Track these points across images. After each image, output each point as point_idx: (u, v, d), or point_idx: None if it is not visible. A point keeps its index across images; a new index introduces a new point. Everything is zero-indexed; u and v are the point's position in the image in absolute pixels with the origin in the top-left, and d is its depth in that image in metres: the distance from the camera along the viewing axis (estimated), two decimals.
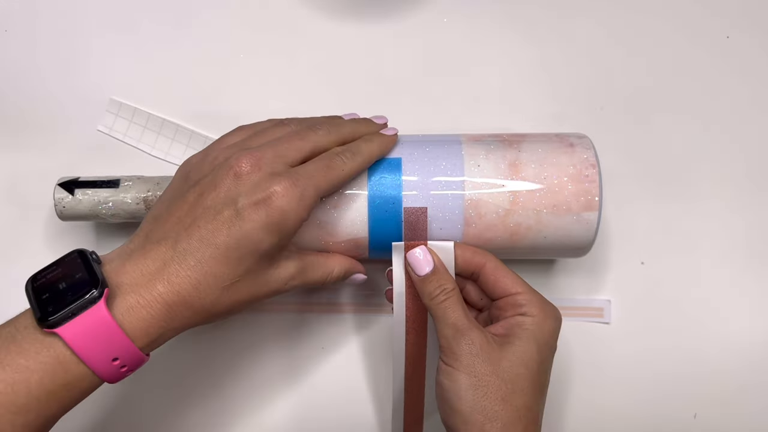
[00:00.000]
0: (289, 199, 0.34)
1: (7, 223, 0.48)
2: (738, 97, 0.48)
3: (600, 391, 0.47)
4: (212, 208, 0.34)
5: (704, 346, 0.47)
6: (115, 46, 0.48)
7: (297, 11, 0.48)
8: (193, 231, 0.34)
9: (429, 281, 0.38)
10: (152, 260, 0.34)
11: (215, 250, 0.33)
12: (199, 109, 0.48)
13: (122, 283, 0.33)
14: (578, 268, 0.47)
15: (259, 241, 0.34)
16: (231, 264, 0.34)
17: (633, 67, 0.48)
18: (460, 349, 0.36)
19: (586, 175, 0.39)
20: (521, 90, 0.48)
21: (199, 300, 0.34)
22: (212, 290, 0.34)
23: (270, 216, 0.34)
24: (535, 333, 0.37)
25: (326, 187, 0.36)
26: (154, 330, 0.33)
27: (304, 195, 0.35)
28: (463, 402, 0.35)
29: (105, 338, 0.31)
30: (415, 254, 0.39)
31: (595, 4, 0.49)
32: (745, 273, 0.47)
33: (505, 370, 0.35)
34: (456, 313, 0.37)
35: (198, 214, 0.34)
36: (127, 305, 0.32)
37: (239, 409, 0.46)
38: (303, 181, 0.35)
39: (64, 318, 0.31)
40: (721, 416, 0.47)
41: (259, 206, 0.34)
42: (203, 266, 0.33)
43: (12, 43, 0.48)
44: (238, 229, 0.33)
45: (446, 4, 0.48)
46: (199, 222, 0.34)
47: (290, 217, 0.34)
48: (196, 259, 0.33)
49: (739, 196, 0.48)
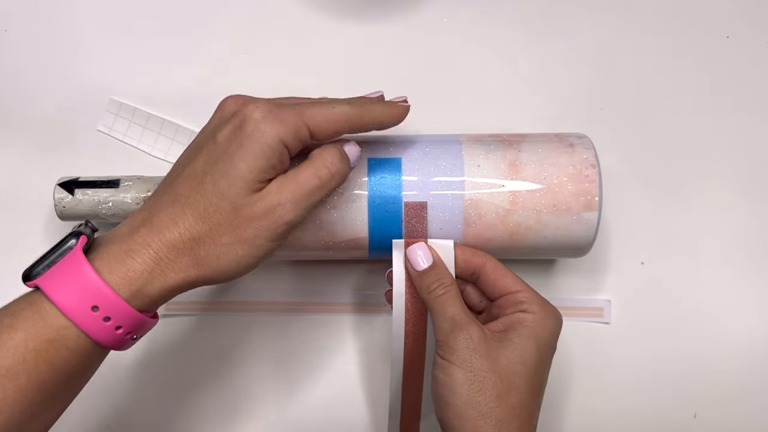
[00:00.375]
0: (263, 113, 0.33)
1: (7, 222, 0.48)
2: (738, 97, 0.48)
3: (600, 392, 0.47)
4: (195, 145, 0.34)
5: (704, 346, 0.47)
6: (115, 46, 0.48)
7: (297, 11, 0.48)
8: (176, 170, 0.34)
9: (427, 275, 0.38)
10: (140, 213, 0.33)
11: (193, 184, 0.33)
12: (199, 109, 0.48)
13: (108, 238, 0.33)
14: (578, 268, 0.47)
15: (234, 168, 0.32)
16: (208, 196, 0.32)
17: (633, 67, 0.48)
18: (457, 343, 0.35)
19: (586, 175, 0.39)
20: (521, 90, 0.48)
21: (179, 237, 0.32)
22: (192, 225, 0.32)
23: (245, 137, 0.33)
24: (535, 331, 0.36)
25: (314, 116, 0.34)
26: (136, 276, 0.31)
27: (282, 114, 0.33)
28: (458, 396, 0.35)
29: (82, 285, 0.30)
30: (414, 250, 0.39)
31: (595, 4, 0.49)
32: (745, 273, 0.47)
33: (503, 366, 0.35)
34: (454, 308, 0.37)
35: (184, 157, 0.35)
36: (107, 252, 0.32)
37: (238, 409, 0.46)
38: (285, 107, 0.33)
39: (43, 269, 0.31)
40: (721, 416, 0.47)
41: (235, 131, 0.33)
42: (181, 200, 0.33)
43: (12, 43, 0.48)
44: (215, 157, 0.33)
45: (446, 4, 0.48)
46: (183, 162, 0.34)
47: (268, 136, 0.32)
48: (176, 195, 0.33)
49: (739, 197, 0.48)
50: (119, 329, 0.32)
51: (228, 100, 0.36)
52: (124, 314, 0.31)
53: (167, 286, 0.32)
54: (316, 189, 0.34)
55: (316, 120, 0.34)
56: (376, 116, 0.36)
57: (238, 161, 0.32)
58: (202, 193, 0.33)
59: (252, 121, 0.33)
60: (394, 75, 0.48)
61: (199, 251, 0.32)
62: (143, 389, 0.47)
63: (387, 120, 0.37)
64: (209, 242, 0.33)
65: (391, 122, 0.37)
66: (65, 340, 0.31)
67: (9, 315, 0.31)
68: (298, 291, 0.47)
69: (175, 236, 0.32)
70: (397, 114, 0.37)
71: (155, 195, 0.34)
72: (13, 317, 0.30)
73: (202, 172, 0.33)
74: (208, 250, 0.33)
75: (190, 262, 0.32)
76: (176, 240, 0.32)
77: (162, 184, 0.35)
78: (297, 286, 0.47)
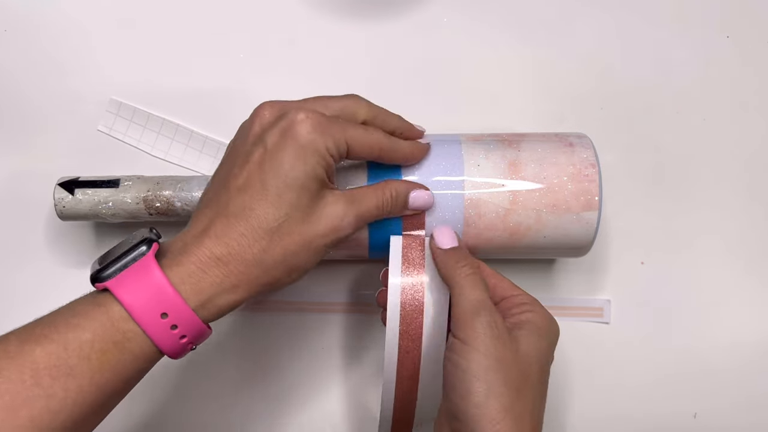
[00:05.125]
0: (313, 123, 0.34)
1: (7, 223, 0.48)
2: (738, 97, 0.48)
3: (599, 391, 0.47)
4: (243, 154, 0.34)
5: (704, 346, 0.47)
6: (115, 46, 0.48)
7: (297, 11, 0.48)
8: (231, 182, 0.34)
9: (456, 251, 0.37)
10: (200, 221, 0.34)
11: (253, 192, 0.33)
12: (199, 109, 0.48)
13: (175, 248, 0.33)
14: (578, 267, 0.47)
15: (291, 168, 0.33)
16: (271, 202, 0.33)
17: (633, 66, 0.48)
18: (481, 326, 0.33)
19: (585, 175, 0.39)
20: (521, 90, 0.48)
21: (248, 248, 0.32)
22: (259, 235, 0.33)
23: (295, 140, 0.33)
24: (545, 331, 0.36)
25: (355, 136, 0.35)
26: (206, 287, 0.32)
27: (329, 127, 0.34)
28: (481, 383, 0.32)
29: (153, 292, 0.31)
30: (442, 229, 0.38)
31: (595, 4, 0.49)
32: (745, 273, 0.47)
33: (522, 359, 0.34)
34: (481, 290, 0.35)
35: (234, 164, 0.35)
36: (177, 261, 0.32)
37: (239, 409, 0.46)
38: (331, 120, 0.35)
39: (114, 272, 0.31)
40: (721, 416, 0.47)
41: (284, 135, 0.33)
42: (245, 211, 0.33)
43: (12, 43, 0.48)
44: (269, 162, 0.33)
45: (446, 3, 0.48)
46: (234, 170, 0.34)
47: (317, 142, 0.33)
48: (237, 206, 0.33)
49: (739, 196, 0.48)
50: (183, 338, 0.32)
51: (265, 105, 0.36)
52: (191, 324, 0.32)
53: (236, 300, 0.33)
54: (373, 214, 0.36)
55: (356, 139, 0.35)
56: (404, 154, 0.38)
57: (298, 169, 0.33)
58: (268, 201, 0.33)
59: (303, 128, 0.34)
60: (394, 75, 0.48)
61: (267, 261, 0.33)
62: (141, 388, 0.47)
63: (411, 159, 0.39)
64: (278, 251, 0.33)
65: (413, 161, 0.39)
66: (130, 344, 0.31)
67: (76, 314, 0.31)
68: (297, 291, 0.47)
69: (241, 249, 0.33)
70: (419, 155, 0.39)
71: (208, 206, 0.34)
72: (81, 317, 0.31)
73: (260, 181, 0.33)
74: (276, 259, 0.33)
75: (259, 272, 0.33)
76: (244, 253, 0.33)
77: (212, 195, 0.35)
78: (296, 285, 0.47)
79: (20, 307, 0.47)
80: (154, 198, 0.42)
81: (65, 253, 0.47)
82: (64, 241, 0.47)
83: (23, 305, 0.47)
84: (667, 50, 0.49)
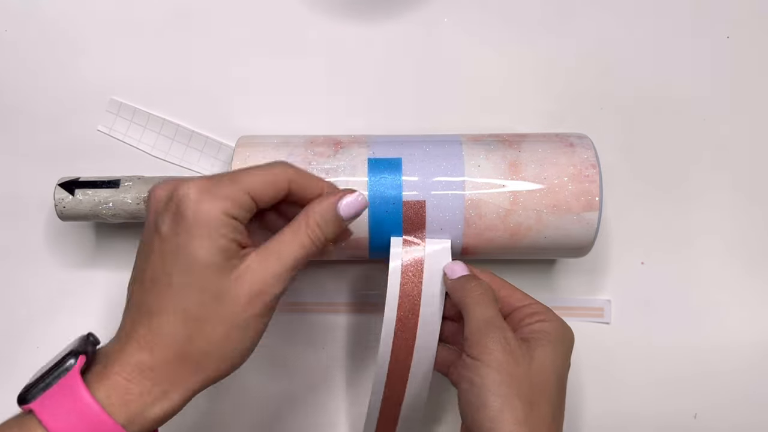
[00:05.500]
0: (198, 191, 0.30)
1: (7, 223, 0.48)
2: (738, 97, 0.48)
3: (599, 391, 0.47)
4: (146, 246, 0.32)
5: (704, 346, 0.47)
6: (115, 46, 0.48)
7: (297, 11, 0.48)
8: (141, 278, 0.31)
9: (466, 278, 0.38)
10: (123, 325, 0.31)
11: (161, 286, 0.30)
12: (199, 110, 0.48)
13: (103, 357, 0.30)
14: (578, 268, 0.47)
15: (189, 251, 0.30)
16: (178, 292, 0.30)
17: (633, 67, 0.48)
18: (493, 344, 0.34)
19: (586, 175, 0.39)
20: (521, 90, 0.48)
21: (171, 347, 0.30)
22: (177, 331, 0.30)
23: (185, 218, 0.30)
24: (559, 339, 0.36)
25: (254, 182, 0.31)
26: (134, 399, 0.29)
27: (218, 187, 0.31)
28: (495, 398, 0.33)
29: (78, 412, 0.28)
30: (452, 265, 0.39)
31: (595, 3, 0.49)
32: (745, 273, 0.47)
33: (535, 373, 0.34)
34: (492, 310, 0.36)
35: (141, 258, 0.32)
36: (103, 374, 0.29)
37: (239, 408, 0.46)
38: (219, 180, 0.31)
39: (38, 391, 0.29)
40: (721, 416, 0.47)
41: (175, 216, 0.31)
42: (158, 308, 0.30)
43: (12, 43, 0.48)
44: (167, 252, 0.30)
45: (446, 4, 0.48)
46: (142, 265, 0.32)
47: (209, 211, 0.30)
48: (150, 304, 0.30)
49: (739, 196, 0.48)
50: None
51: (156, 188, 0.32)
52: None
53: (170, 407, 0.30)
54: (302, 258, 0.32)
55: (256, 185, 0.32)
56: (320, 186, 0.34)
57: (195, 249, 0.30)
58: (175, 294, 0.30)
59: (189, 203, 0.30)
60: (394, 75, 0.48)
61: (195, 355, 0.30)
62: None
63: (331, 194, 0.34)
64: (203, 342, 0.30)
65: (336, 198, 0.33)
66: None
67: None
68: (297, 291, 0.47)
69: (165, 350, 0.30)
70: (348, 197, 0.33)
71: (129, 306, 0.32)
72: None
73: (165, 273, 0.30)
74: (204, 350, 0.30)
75: (189, 370, 0.30)
76: (167, 353, 0.30)
77: (131, 293, 0.32)
78: (297, 285, 0.47)
79: (20, 307, 0.47)
80: None
81: (65, 253, 0.47)
82: (64, 241, 0.47)
83: (23, 305, 0.47)
84: (667, 50, 0.49)
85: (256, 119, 0.48)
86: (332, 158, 0.40)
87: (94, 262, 0.47)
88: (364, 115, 0.48)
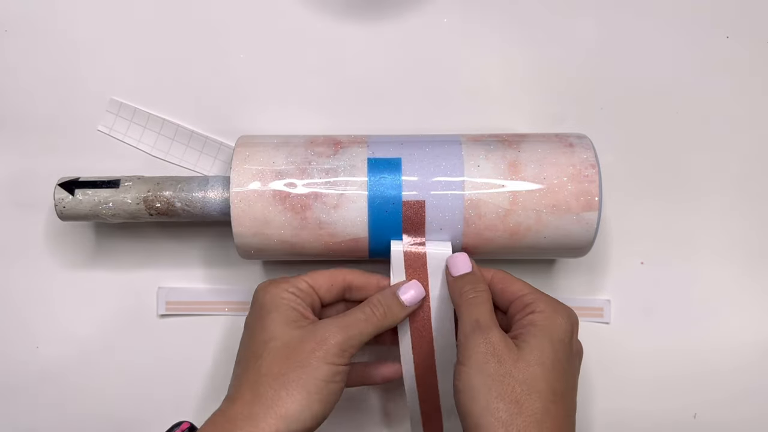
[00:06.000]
0: (268, 282, 0.39)
1: (7, 223, 0.48)
2: (738, 97, 0.48)
3: (599, 391, 0.47)
4: (239, 348, 0.40)
5: (704, 346, 0.47)
6: (115, 46, 0.48)
7: (297, 11, 0.48)
8: (236, 374, 0.39)
9: (462, 279, 0.38)
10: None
11: (242, 360, 0.38)
12: (199, 110, 0.48)
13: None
14: (578, 268, 0.47)
15: (262, 328, 0.37)
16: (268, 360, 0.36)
17: (633, 67, 0.48)
18: (474, 347, 0.35)
19: (585, 175, 0.39)
20: (521, 90, 0.48)
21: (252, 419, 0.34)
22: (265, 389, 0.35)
23: (258, 305, 0.39)
24: (546, 329, 0.36)
25: (313, 274, 0.40)
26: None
27: (284, 279, 0.39)
28: (475, 403, 0.33)
29: None
30: (455, 257, 0.39)
31: (595, 3, 0.48)
32: (745, 273, 0.47)
33: (521, 370, 0.34)
34: (480, 311, 0.36)
35: (240, 347, 0.40)
36: None
37: None
38: (288, 277, 0.40)
39: None
40: (721, 416, 0.47)
41: (253, 307, 0.40)
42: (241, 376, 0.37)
43: (12, 43, 0.48)
44: (246, 332, 0.39)
45: (446, 4, 0.48)
46: (237, 359, 0.39)
47: (273, 292, 0.38)
48: (241, 383, 0.37)
49: (739, 196, 0.48)
50: None
51: None
52: None
53: None
54: (364, 321, 0.38)
55: (313, 276, 0.40)
56: (377, 281, 0.41)
57: (268, 324, 0.37)
58: (254, 363, 0.37)
59: (262, 291, 0.39)
60: (394, 75, 0.48)
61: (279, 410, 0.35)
62: (141, 388, 0.47)
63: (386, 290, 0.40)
64: (277, 386, 0.35)
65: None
66: None
67: None
68: None
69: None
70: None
71: (234, 383, 0.38)
72: None
73: (251, 350, 0.38)
74: (277, 394, 0.35)
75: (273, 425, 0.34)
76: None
77: (232, 379, 0.39)
78: None
79: (20, 307, 0.47)
80: (154, 198, 0.42)
81: (65, 253, 0.47)
82: (64, 241, 0.47)
83: (23, 305, 0.47)
84: (667, 50, 0.49)
85: (256, 119, 0.48)
86: (332, 158, 0.40)
87: (94, 262, 0.47)
88: (364, 115, 0.48)
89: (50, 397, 0.47)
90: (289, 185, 0.40)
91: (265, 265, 0.48)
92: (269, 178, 0.40)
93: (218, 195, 0.42)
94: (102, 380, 0.47)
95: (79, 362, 0.47)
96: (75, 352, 0.47)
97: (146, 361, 0.47)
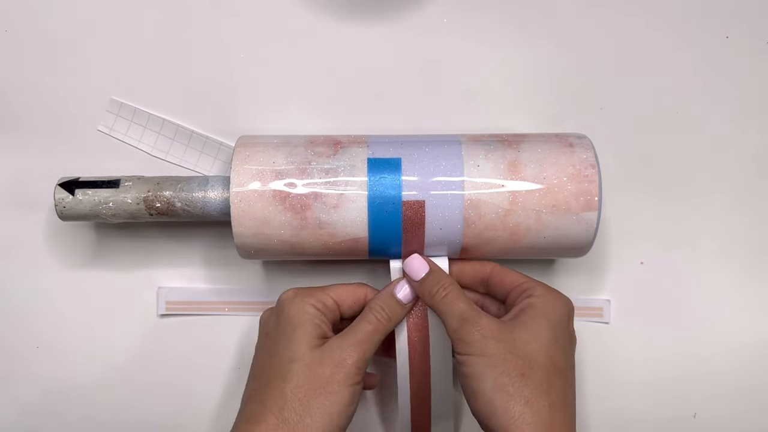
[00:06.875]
0: (294, 292, 0.40)
1: (7, 223, 0.48)
2: (738, 97, 0.48)
3: (599, 391, 0.47)
4: (255, 355, 0.41)
5: (704, 346, 0.47)
6: (115, 46, 0.48)
7: (297, 12, 0.48)
8: (249, 377, 0.40)
9: (426, 281, 0.39)
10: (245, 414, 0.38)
11: (267, 376, 0.38)
12: (199, 110, 0.48)
13: None
14: (578, 268, 0.47)
15: (287, 343, 0.38)
16: (286, 376, 0.37)
17: (633, 67, 0.48)
18: (470, 335, 0.36)
19: (585, 175, 0.39)
20: (521, 90, 0.48)
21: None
22: (283, 410, 0.36)
23: (284, 315, 0.39)
24: (544, 310, 0.37)
25: (337, 290, 0.40)
26: None
27: (310, 291, 0.40)
28: (484, 382, 0.35)
29: None
30: (410, 263, 0.40)
31: (595, 4, 0.49)
32: (745, 273, 0.47)
33: (519, 347, 0.36)
34: (459, 305, 0.38)
35: (250, 371, 0.40)
36: None
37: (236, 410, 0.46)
38: (313, 288, 0.41)
39: None
40: (721, 416, 0.47)
41: (277, 315, 0.40)
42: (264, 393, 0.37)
43: (12, 43, 0.48)
44: (271, 344, 0.39)
45: (446, 4, 0.48)
46: (250, 374, 0.40)
47: (299, 304, 0.39)
48: (258, 393, 0.38)
49: (739, 196, 0.48)
50: None
51: (263, 312, 0.42)
52: None
53: None
54: (373, 332, 0.39)
55: (338, 291, 0.40)
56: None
57: (293, 341, 0.38)
58: (278, 385, 0.37)
59: (288, 301, 0.39)
60: (394, 75, 0.48)
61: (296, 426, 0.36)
62: (142, 388, 0.47)
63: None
64: (302, 412, 0.36)
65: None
66: None
67: None
68: None
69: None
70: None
71: (245, 400, 0.39)
72: None
73: (272, 364, 0.38)
74: (302, 421, 0.36)
75: None
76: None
77: (246, 391, 0.40)
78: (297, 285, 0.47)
79: (20, 307, 0.48)
80: (154, 198, 0.42)
81: (65, 253, 0.47)
82: (64, 241, 0.47)
83: (23, 305, 0.47)
84: (667, 50, 0.49)
85: (256, 119, 0.48)
86: (332, 158, 0.40)
87: (94, 262, 0.47)
88: (364, 115, 0.48)
89: (50, 397, 0.47)
90: (289, 185, 0.40)
91: (265, 265, 0.48)
92: (269, 178, 0.40)
93: (218, 195, 0.42)
94: (102, 380, 0.47)
95: (79, 362, 0.47)
96: (75, 352, 0.47)
97: (146, 361, 0.47)
